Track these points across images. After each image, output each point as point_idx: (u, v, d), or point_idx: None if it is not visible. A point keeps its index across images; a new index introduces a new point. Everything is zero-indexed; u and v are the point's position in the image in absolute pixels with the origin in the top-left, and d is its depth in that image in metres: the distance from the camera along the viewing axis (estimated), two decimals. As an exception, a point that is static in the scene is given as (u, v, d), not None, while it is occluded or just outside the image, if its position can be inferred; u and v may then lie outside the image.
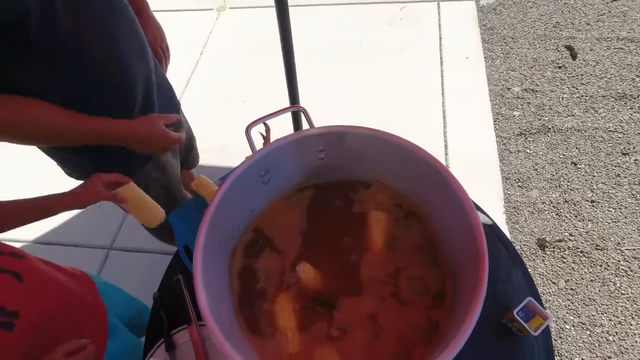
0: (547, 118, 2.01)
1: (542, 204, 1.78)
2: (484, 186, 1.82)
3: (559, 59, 2.21)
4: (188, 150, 1.36)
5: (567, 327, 1.52)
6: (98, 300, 0.88)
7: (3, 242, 0.72)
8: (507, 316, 0.82)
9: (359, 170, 0.66)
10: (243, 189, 0.56)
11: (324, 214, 0.65)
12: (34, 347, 0.65)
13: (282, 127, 0.96)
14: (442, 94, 2.14)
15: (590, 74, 2.12)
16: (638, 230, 1.67)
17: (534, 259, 1.66)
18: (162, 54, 1.08)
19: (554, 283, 1.61)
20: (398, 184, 0.64)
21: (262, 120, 0.60)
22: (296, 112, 1.26)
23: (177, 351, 0.82)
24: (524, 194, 1.82)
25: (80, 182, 1.05)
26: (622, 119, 1.96)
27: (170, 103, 1.09)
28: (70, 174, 1.05)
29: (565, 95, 2.08)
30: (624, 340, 1.46)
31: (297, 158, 0.61)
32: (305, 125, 1.48)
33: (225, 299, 0.54)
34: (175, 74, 1.12)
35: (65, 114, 0.70)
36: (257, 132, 0.65)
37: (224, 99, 2.26)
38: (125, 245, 1.81)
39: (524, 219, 1.76)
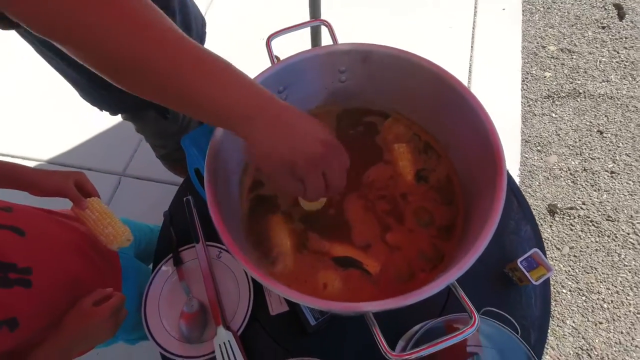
0: (579, 82, 1.90)
1: (559, 170, 1.73)
2: (501, 147, 1.77)
3: (604, 18, 2.04)
4: None
5: (564, 291, 1.54)
6: None
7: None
8: (510, 265, 0.82)
9: (379, 99, 0.63)
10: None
11: (342, 140, 0.64)
12: (58, 302, 0.64)
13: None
14: (472, 46, 2.02)
15: (636, 38, 1.96)
16: (654, 205, 1.63)
17: (541, 224, 1.65)
18: None
19: (557, 249, 1.61)
20: (418, 114, 0.61)
21: (285, 31, 0.57)
22: (315, 36, 1.18)
23: (183, 267, 0.86)
24: (541, 159, 1.77)
25: (94, 107, 1.03)
26: (660, 89, 1.84)
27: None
28: (84, 97, 1.01)
29: (603, 59, 1.94)
30: (618, 308, 1.48)
31: (318, 76, 0.58)
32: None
33: (235, 213, 0.55)
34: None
35: None
36: (275, 56, 0.62)
37: (241, 35, 2.16)
38: (137, 173, 1.84)
39: (537, 183, 1.73)
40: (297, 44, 0.72)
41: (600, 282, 1.53)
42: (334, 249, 0.54)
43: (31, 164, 1.91)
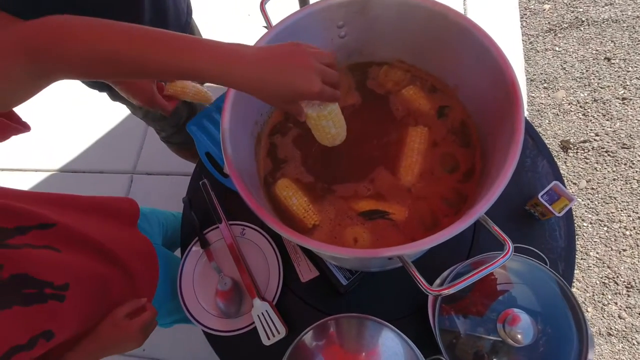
0: (581, 9, 1.82)
1: (569, 104, 1.70)
2: (507, 90, 1.73)
3: (601, -62, 1.92)
4: None
5: (585, 224, 1.54)
6: (143, 238, 0.87)
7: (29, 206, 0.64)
8: (531, 202, 0.82)
9: (381, 50, 0.61)
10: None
11: (351, 96, 0.63)
12: (90, 310, 0.66)
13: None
14: (465, -11, 1.93)
15: (637, -47, 1.86)
16: (670, 126, 1.59)
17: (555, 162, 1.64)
18: None
19: (574, 184, 1.60)
20: (423, 59, 0.60)
21: (276, -8, 0.55)
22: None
23: (211, 248, 0.88)
24: (549, 96, 1.73)
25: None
26: (667, 4, 1.76)
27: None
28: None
29: (604, -19, 1.85)
30: (641, 233, 1.49)
31: (317, 35, 0.56)
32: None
33: (254, 182, 0.55)
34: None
35: None
36: (262, 26, 0.60)
37: (226, 12, 2.10)
38: (147, 169, 1.85)
39: (547, 121, 1.70)
40: (290, 7, 0.70)
41: (621, 210, 1.53)
42: (358, 204, 0.55)
43: (43, 175, 1.93)
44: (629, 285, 1.42)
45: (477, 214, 0.38)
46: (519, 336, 0.62)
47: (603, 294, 1.43)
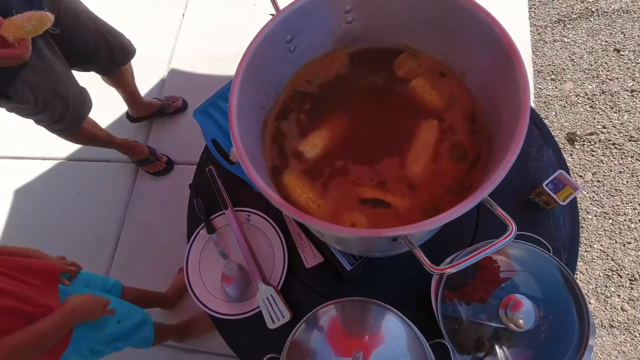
0: (591, 0, 1.80)
1: (576, 96, 1.68)
2: (513, 81, 1.72)
3: None
4: (99, 46, 1.24)
5: (589, 217, 1.54)
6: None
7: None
8: (536, 191, 0.83)
9: (389, 35, 0.61)
10: (270, 53, 0.54)
11: (359, 82, 0.63)
12: None
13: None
14: (472, -21, 1.91)
15: (650, -58, 1.82)
16: (679, 119, 1.58)
17: (561, 152, 1.63)
18: None
19: (580, 176, 1.59)
20: (430, 44, 0.60)
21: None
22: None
23: (217, 234, 0.89)
24: (556, 87, 1.71)
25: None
26: (680, -5, 1.73)
27: None
28: None
29: (615, -29, 1.82)
30: (646, 226, 1.48)
31: (324, 20, 0.56)
32: None
33: (260, 167, 0.56)
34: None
35: None
36: (269, 14, 0.60)
37: (232, 3, 2.10)
38: (153, 158, 1.86)
39: (554, 113, 1.69)
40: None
41: (626, 203, 1.52)
42: (360, 191, 0.56)
43: (51, 163, 1.96)
44: (633, 278, 1.42)
45: (482, 196, 0.39)
46: (521, 321, 0.63)
47: (606, 286, 1.43)
